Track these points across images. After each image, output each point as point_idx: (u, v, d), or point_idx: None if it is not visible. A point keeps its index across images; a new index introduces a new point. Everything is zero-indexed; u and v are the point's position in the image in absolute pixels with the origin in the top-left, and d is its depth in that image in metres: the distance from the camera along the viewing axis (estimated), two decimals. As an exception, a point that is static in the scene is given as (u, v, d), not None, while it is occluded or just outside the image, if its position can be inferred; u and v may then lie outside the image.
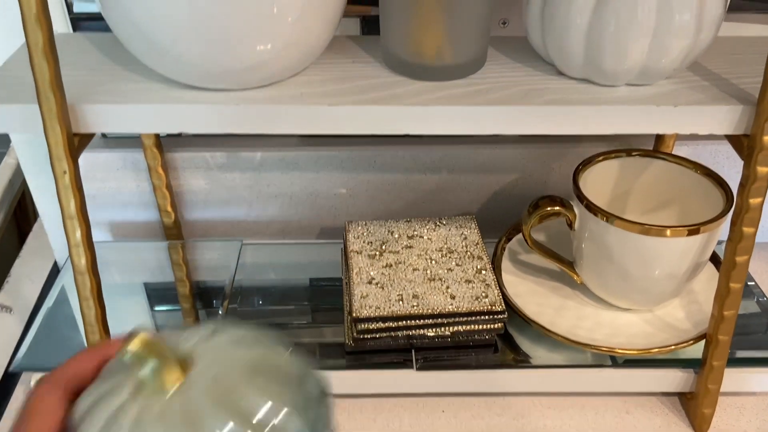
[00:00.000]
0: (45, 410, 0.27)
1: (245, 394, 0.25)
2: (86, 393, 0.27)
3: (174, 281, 0.57)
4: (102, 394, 0.26)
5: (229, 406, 0.24)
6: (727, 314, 0.43)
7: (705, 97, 0.40)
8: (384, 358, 0.47)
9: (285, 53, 0.38)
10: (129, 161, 0.56)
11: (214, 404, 0.24)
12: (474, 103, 0.39)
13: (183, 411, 0.25)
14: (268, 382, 0.25)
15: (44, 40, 0.35)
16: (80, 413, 0.26)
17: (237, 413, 0.24)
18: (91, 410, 0.26)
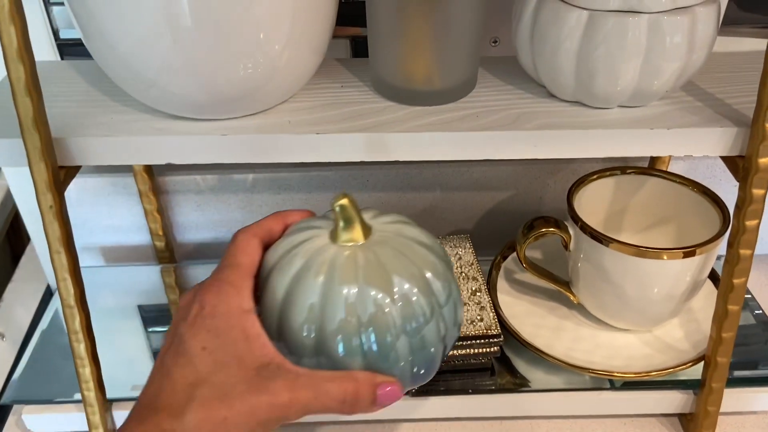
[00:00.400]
0: (250, 249, 0.35)
1: (421, 262, 0.34)
2: (274, 247, 0.36)
3: (168, 303, 0.57)
4: (294, 244, 0.35)
5: (406, 265, 0.34)
6: (725, 336, 0.42)
7: (699, 118, 0.39)
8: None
9: (272, 81, 0.38)
10: (120, 186, 0.55)
11: (395, 261, 0.34)
12: (464, 128, 0.38)
13: (370, 261, 0.34)
14: (435, 258, 0.35)
15: (26, 75, 0.34)
16: (272, 262, 0.35)
17: (412, 273, 0.34)
18: (284, 257, 0.34)
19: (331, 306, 0.32)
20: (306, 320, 0.33)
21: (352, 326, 0.32)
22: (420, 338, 0.34)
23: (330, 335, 0.33)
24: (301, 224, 0.37)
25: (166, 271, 0.58)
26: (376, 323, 0.32)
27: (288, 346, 0.34)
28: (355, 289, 0.33)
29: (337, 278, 0.33)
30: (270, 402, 0.31)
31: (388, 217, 0.37)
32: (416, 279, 0.34)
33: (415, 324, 0.33)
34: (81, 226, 0.58)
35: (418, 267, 0.34)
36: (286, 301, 0.33)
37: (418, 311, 0.33)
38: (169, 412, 0.31)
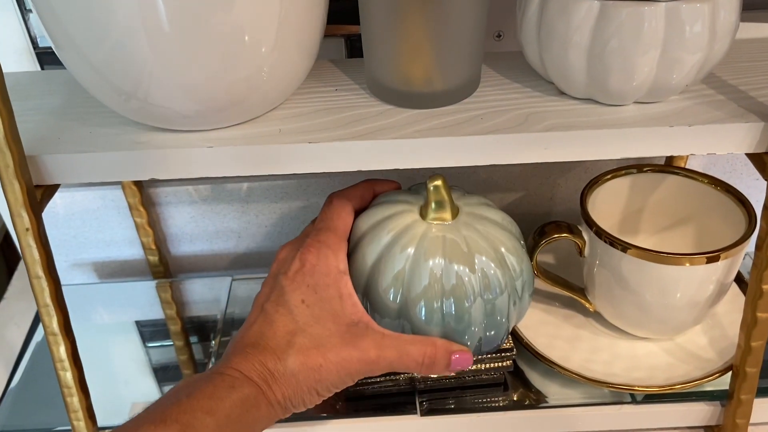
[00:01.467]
0: (344, 214, 0.39)
1: (498, 241, 0.38)
2: (366, 215, 0.40)
3: (166, 324, 0.54)
4: (386, 216, 0.39)
5: (487, 245, 0.38)
6: (755, 345, 0.40)
7: (722, 114, 0.36)
8: (385, 402, 0.44)
9: (260, 88, 0.35)
10: (109, 199, 0.53)
11: (478, 241, 0.38)
12: (468, 132, 0.36)
13: (457, 240, 0.38)
14: (512, 238, 0.39)
15: (-7, 91, 0.31)
16: (363, 229, 0.39)
17: (492, 251, 0.38)
18: (376, 227, 0.39)
19: (417, 276, 0.37)
20: (391, 285, 0.37)
21: (434, 293, 0.37)
22: (492, 307, 0.38)
23: (413, 300, 0.37)
24: (391, 196, 0.41)
25: (161, 287, 0.56)
26: (456, 293, 0.37)
27: (373, 306, 0.38)
28: (440, 263, 0.37)
29: (425, 253, 0.37)
30: (359, 357, 0.35)
31: (473, 199, 0.41)
32: (495, 257, 0.38)
33: (490, 295, 0.37)
34: (71, 241, 0.55)
35: (497, 246, 0.38)
36: (375, 267, 0.38)
37: (495, 283, 0.38)
38: (273, 354, 0.35)
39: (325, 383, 0.35)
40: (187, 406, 0.31)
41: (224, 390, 0.33)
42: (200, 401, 0.32)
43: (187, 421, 0.31)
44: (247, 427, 0.33)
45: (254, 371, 0.34)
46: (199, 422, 0.31)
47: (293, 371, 0.34)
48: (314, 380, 0.35)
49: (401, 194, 0.41)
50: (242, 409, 0.32)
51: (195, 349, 0.53)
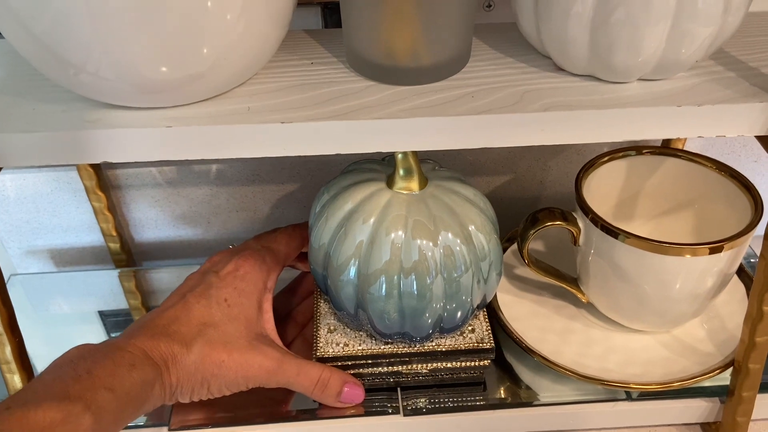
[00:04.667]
0: (294, 241, 0.43)
1: (466, 217, 0.37)
2: (333, 181, 0.40)
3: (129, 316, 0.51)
4: (355, 182, 0.39)
5: (456, 219, 0.37)
6: (759, 340, 0.37)
7: (733, 93, 0.33)
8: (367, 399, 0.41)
9: (226, 60, 0.31)
10: (63, 181, 0.49)
11: (444, 214, 0.37)
12: (458, 112, 0.32)
13: (424, 207, 0.37)
14: (481, 215, 0.38)
15: None
16: (332, 192, 0.39)
17: (460, 225, 0.37)
18: (341, 193, 0.38)
19: (377, 248, 0.36)
20: (352, 256, 0.37)
21: (395, 268, 0.36)
22: (457, 285, 0.37)
23: (373, 274, 0.36)
24: (362, 164, 0.41)
25: (124, 276, 0.52)
26: (418, 268, 0.36)
27: (331, 278, 0.38)
28: (402, 236, 0.36)
29: (388, 224, 0.36)
30: (261, 363, 0.37)
31: (444, 172, 0.40)
32: (461, 233, 0.37)
33: (454, 273, 0.37)
34: (23, 227, 0.51)
35: (464, 223, 0.37)
36: (336, 235, 0.37)
37: (459, 261, 0.37)
38: (182, 339, 0.36)
39: (221, 380, 0.36)
40: (88, 383, 0.31)
41: (125, 368, 0.33)
42: (102, 378, 0.32)
43: (91, 399, 0.31)
44: (140, 404, 0.33)
45: (157, 352, 0.35)
46: (101, 399, 0.31)
47: (195, 360, 0.36)
48: (211, 374, 0.36)
49: (373, 163, 0.41)
50: (140, 388, 0.33)
51: None
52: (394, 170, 0.38)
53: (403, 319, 0.37)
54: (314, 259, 0.39)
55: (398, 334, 0.39)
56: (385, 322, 0.38)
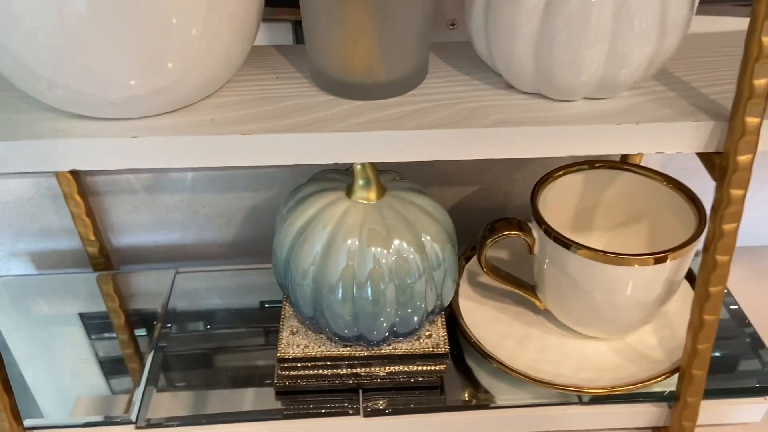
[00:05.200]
0: None
1: (420, 227, 0.39)
2: (297, 190, 0.42)
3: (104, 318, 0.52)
4: (317, 190, 0.41)
5: (410, 229, 0.39)
6: (701, 348, 0.39)
7: (671, 111, 0.35)
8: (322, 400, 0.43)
9: (189, 74, 0.33)
10: (43, 187, 0.50)
11: (400, 221, 0.39)
12: (411, 126, 0.34)
13: (380, 217, 0.39)
14: (437, 225, 0.40)
15: None
16: (291, 202, 0.41)
17: (414, 235, 0.39)
18: (303, 201, 0.40)
19: (334, 255, 0.38)
20: (311, 263, 0.39)
21: (350, 274, 0.38)
22: (410, 292, 0.39)
23: (329, 280, 0.38)
24: (325, 174, 0.43)
25: (103, 279, 0.54)
26: (372, 275, 0.38)
27: (292, 281, 0.40)
28: (357, 243, 0.38)
29: (344, 232, 0.38)
30: None
31: (404, 183, 0.42)
32: (415, 242, 0.39)
33: (408, 279, 0.39)
34: (6, 230, 0.53)
35: (418, 232, 0.39)
36: (297, 241, 0.39)
37: (413, 268, 0.39)
38: None
39: None
40: None
41: None
42: None
43: None
44: None
45: None
46: None
47: None
48: None
49: (336, 173, 0.43)
50: None
51: (140, 342, 0.51)
52: (353, 180, 0.40)
53: (358, 322, 0.39)
54: (276, 263, 0.41)
55: (355, 337, 0.41)
56: (341, 324, 0.39)
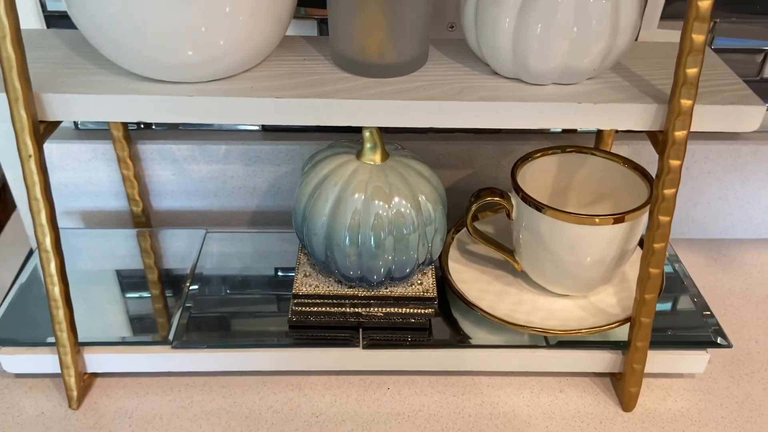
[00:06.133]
0: None
1: (417, 188, 0.47)
2: (318, 153, 0.51)
3: (143, 268, 0.60)
4: (331, 154, 0.49)
5: (408, 188, 0.47)
6: (647, 297, 0.46)
7: (624, 96, 0.43)
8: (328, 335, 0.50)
9: (236, 49, 0.42)
10: (100, 152, 0.59)
11: (398, 182, 0.47)
12: (411, 98, 0.42)
13: (383, 176, 0.47)
14: (431, 188, 0.48)
15: (12, 31, 0.38)
16: (312, 162, 0.50)
17: (412, 194, 0.47)
18: (320, 162, 0.49)
19: (343, 206, 0.46)
20: (324, 212, 0.47)
21: (356, 222, 0.46)
22: (405, 242, 0.47)
23: (339, 226, 0.46)
24: (341, 142, 0.51)
25: (141, 235, 0.62)
26: (375, 225, 0.46)
27: (308, 226, 0.48)
28: (362, 198, 0.46)
29: (352, 188, 0.46)
30: None
31: (405, 152, 0.51)
32: (412, 200, 0.47)
33: (404, 231, 0.46)
34: (63, 189, 0.61)
35: (415, 192, 0.47)
36: (313, 194, 0.48)
37: (408, 221, 0.46)
38: None
39: None
40: None
41: None
42: None
43: None
44: None
45: None
46: None
47: None
48: None
49: (349, 142, 0.51)
50: None
51: (167, 295, 0.58)
52: (362, 144, 0.48)
53: (361, 264, 0.47)
54: (295, 216, 0.49)
55: (358, 279, 0.48)
56: (347, 265, 0.47)
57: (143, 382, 0.52)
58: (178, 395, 0.51)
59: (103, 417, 0.49)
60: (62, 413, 0.49)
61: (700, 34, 0.39)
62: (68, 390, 0.49)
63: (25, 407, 0.50)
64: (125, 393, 0.51)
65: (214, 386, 0.51)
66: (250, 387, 0.51)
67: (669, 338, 0.52)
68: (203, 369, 0.51)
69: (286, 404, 0.50)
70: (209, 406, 0.50)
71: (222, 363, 0.51)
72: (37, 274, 0.57)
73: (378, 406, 0.50)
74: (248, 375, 0.52)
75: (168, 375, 0.52)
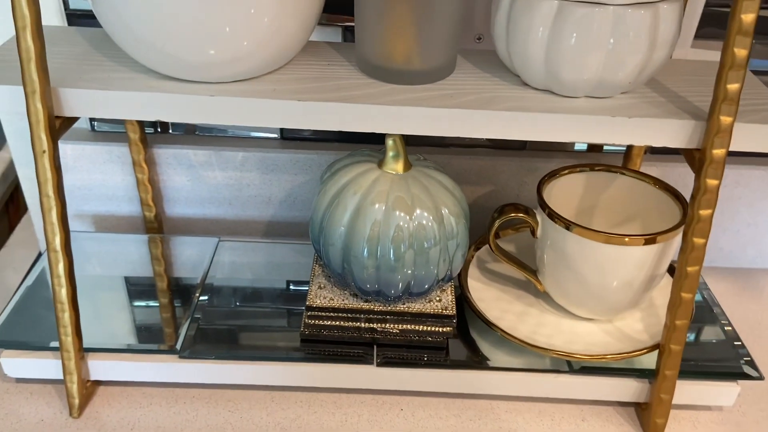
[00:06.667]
0: None
1: (440, 200, 0.45)
2: (339, 161, 0.49)
3: (152, 275, 0.59)
4: (351, 163, 0.47)
5: (431, 200, 0.45)
6: (679, 323, 0.44)
7: (659, 111, 0.42)
8: (341, 350, 0.48)
9: (260, 51, 0.40)
10: (115, 154, 0.58)
11: (421, 193, 0.45)
12: (438, 105, 0.41)
13: (405, 186, 0.45)
14: (455, 201, 0.46)
15: (32, 22, 0.37)
16: (332, 170, 0.48)
17: (434, 206, 0.45)
18: (341, 170, 0.47)
19: (362, 216, 0.44)
20: (342, 222, 0.45)
21: (376, 234, 0.44)
22: (426, 256, 0.45)
23: (358, 237, 0.44)
24: (362, 150, 0.50)
25: (152, 241, 0.60)
26: (395, 237, 0.44)
27: (326, 235, 0.46)
28: (383, 208, 0.44)
29: (373, 196, 0.45)
30: None
31: (428, 162, 0.49)
32: (434, 212, 0.45)
33: (425, 244, 0.44)
34: (76, 191, 0.60)
35: (438, 204, 0.45)
36: (333, 202, 0.46)
37: (430, 235, 0.44)
38: None
39: None
40: None
41: None
42: None
43: None
44: None
45: None
46: None
47: None
48: None
49: (370, 150, 0.50)
50: None
51: (176, 304, 0.56)
52: (385, 153, 0.47)
53: (379, 277, 0.45)
54: (312, 225, 0.47)
55: (375, 292, 0.46)
56: (364, 278, 0.45)
57: (147, 393, 0.50)
58: (183, 407, 0.49)
59: (104, 427, 0.47)
60: (62, 421, 0.47)
61: (743, 48, 0.37)
62: (70, 397, 0.47)
63: (24, 414, 0.48)
64: (128, 403, 0.49)
65: (221, 399, 0.49)
66: (257, 402, 0.49)
67: (698, 368, 0.49)
68: (210, 381, 0.49)
69: (294, 421, 0.48)
70: (215, 419, 0.48)
71: (229, 375, 0.49)
72: (44, 277, 0.56)
73: (390, 427, 0.48)
74: (256, 389, 0.50)
75: (174, 386, 0.50)
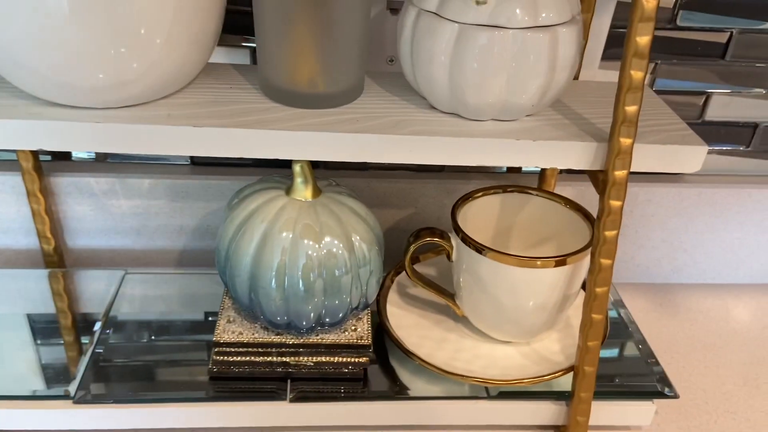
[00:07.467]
0: None
1: (351, 227, 0.44)
2: (245, 187, 0.47)
3: (54, 312, 0.55)
4: (259, 189, 0.45)
5: (341, 227, 0.44)
6: (591, 345, 0.44)
7: (564, 133, 0.42)
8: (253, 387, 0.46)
9: (152, 73, 0.38)
10: (8, 185, 0.54)
11: (332, 219, 0.44)
12: (342, 130, 0.40)
13: (314, 214, 0.43)
14: (366, 228, 0.45)
15: None
16: (239, 197, 0.46)
17: (344, 233, 0.44)
18: (248, 197, 0.45)
19: (269, 246, 0.42)
20: (249, 252, 0.43)
21: (283, 263, 0.42)
22: (337, 285, 0.43)
23: (265, 268, 0.42)
24: (271, 177, 0.48)
25: (53, 276, 0.57)
26: (304, 266, 0.42)
27: (231, 266, 0.44)
28: (290, 236, 0.42)
29: (280, 225, 0.43)
30: None
31: (340, 188, 0.47)
32: (344, 240, 0.43)
33: (336, 272, 0.43)
34: (-35, 226, 0.56)
35: (348, 232, 0.44)
36: (238, 232, 0.44)
37: (341, 263, 0.43)
38: None
39: None
40: None
41: None
42: None
43: None
44: None
45: None
46: None
47: None
48: None
49: (279, 176, 0.48)
50: None
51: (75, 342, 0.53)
52: (293, 179, 0.45)
53: (289, 308, 0.43)
54: (218, 255, 0.45)
55: (285, 324, 0.45)
56: (273, 310, 0.43)
57: (42, 442, 0.46)
58: (80, 456, 0.45)
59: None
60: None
61: (639, 71, 0.37)
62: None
63: None
64: (20, 454, 0.45)
65: (123, 445, 0.46)
66: (163, 445, 0.46)
67: (614, 388, 0.49)
68: (109, 427, 0.46)
69: (203, 465, 0.45)
70: (115, 468, 0.45)
71: (131, 420, 0.46)
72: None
73: (306, 465, 0.46)
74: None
75: (71, 433, 0.46)
